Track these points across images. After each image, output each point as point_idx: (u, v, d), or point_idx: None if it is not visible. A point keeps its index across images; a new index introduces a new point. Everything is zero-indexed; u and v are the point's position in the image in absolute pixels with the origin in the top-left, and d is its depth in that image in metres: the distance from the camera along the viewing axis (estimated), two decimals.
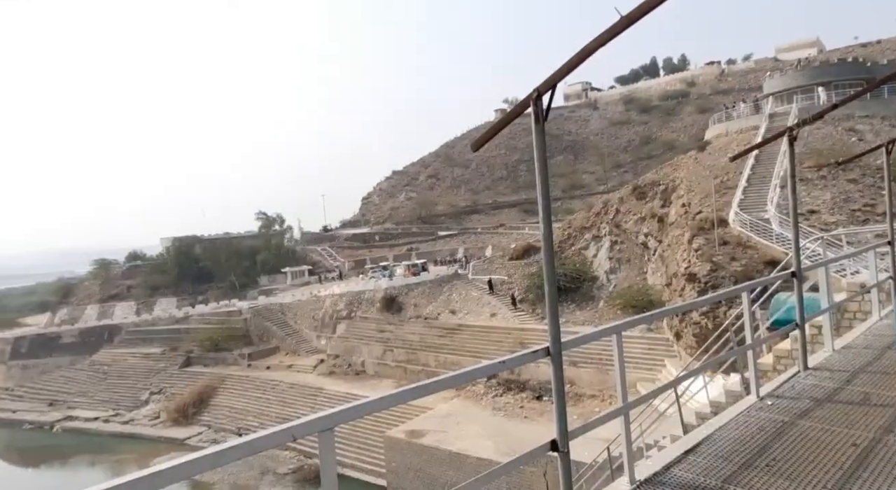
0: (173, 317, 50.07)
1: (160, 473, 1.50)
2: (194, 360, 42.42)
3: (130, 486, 1.44)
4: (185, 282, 59.33)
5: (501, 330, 31.18)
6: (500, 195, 78.93)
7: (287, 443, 1.92)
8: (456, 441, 20.91)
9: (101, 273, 64.08)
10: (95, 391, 41.52)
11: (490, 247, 55.70)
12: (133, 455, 31.98)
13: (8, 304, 69.84)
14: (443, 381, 2.49)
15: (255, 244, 63.81)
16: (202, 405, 35.75)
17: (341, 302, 40.99)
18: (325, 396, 32.28)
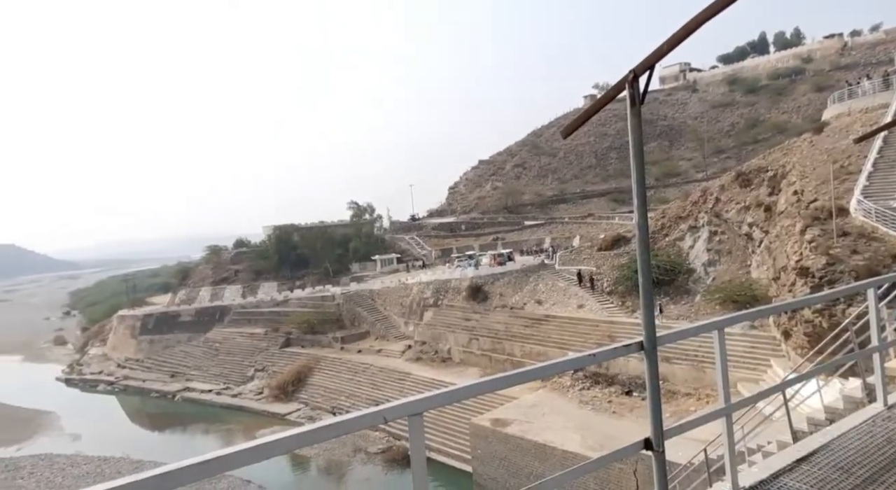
0: (274, 300, 53.63)
1: (268, 445, 1.61)
2: (293, 341, 45.27)
3: (245, 453, 1.56)
4: (284, 267, 63.30)
5: (589, 322, 30.37)
6: (588, 184, 76.47)
7: (378, 424, 2.03)
8: (541, 432, 20.74)
9: (212, 258, 70.01)
10: (209, 366, 45.59)
11: (578, 237, 54.26)
12: (240, 426, 34.86)
13: (138, 285, 78.68)
14: (531, 372, 2.46)
15: (348, 232, 66.65)
16: (300, 384, 38.13)
17: (428, 290, 41.83)
18: (413, 381, 33.24)
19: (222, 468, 1.51)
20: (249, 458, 1.57)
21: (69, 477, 27.37)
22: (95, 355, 57.02)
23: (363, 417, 1.90)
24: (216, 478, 22.62)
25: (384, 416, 1.90)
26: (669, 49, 2.25)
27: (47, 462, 29.77)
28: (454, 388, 2.21)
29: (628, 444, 2.64)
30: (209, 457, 1.45)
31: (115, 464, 28.77)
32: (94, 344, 61.55)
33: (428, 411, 2.09)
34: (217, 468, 1.50)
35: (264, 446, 1.61)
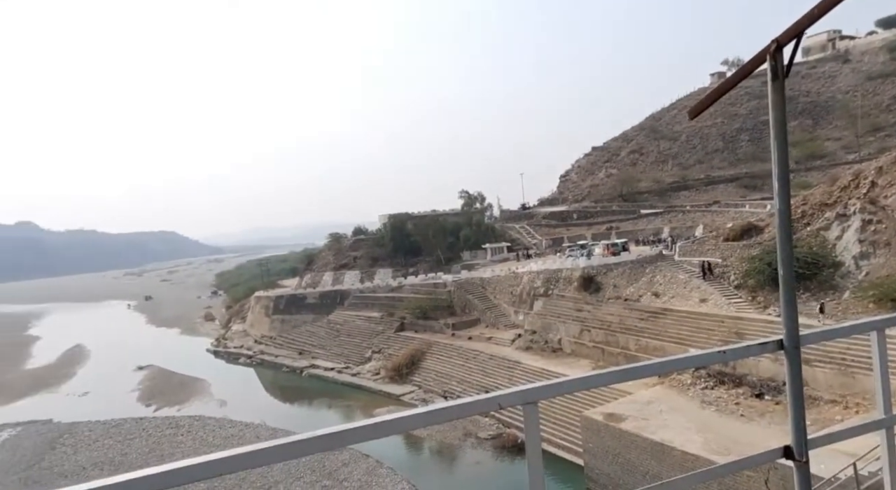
0: (389, 286, 56.20)
1: (390, 422, 1.67)
2: (407, 326, 47.20)
3: (368, 429, 1.63)
4: (398, 254, 65.99)
5: (713, 317, 28.22)
6: (714, 169, 70.53)
7: (493, 410, 2.05)
8: (658, 430, 19.75)
9: (334, 245, 74.89)
10: (331, 346, 49.05)
11: (701, 226, 50.41)
12: (359, 403, 37.18)
13: (271, 269, 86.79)
14: (654, 366, 2.34)
15: (459, 221, 67.76)
16: (413, 367, 39.73)
17: (538, 279, 41.36)
18: (522, 370, 33.20)
19: (347, 441, 1.61)
20: (372, 434, 1.64)
21: (218, 437, 31.08)
22: (237, 331, 63.83)
23: (478, 403, 1.89)
24: (339, 450, 24.40)
25: (499, 403, 1.88)
26: (822, 13, 2.00)
27: (200, 423, 34.02)
28: (571, 378, 2.17)
29: (765, 450, 2.43)
30: (335, 430, 1.56)
31: (255, 429, 32.12)
32: (235, 321, 68.93)
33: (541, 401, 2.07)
34: (342, 441, 1.60)
35: (386, 424, 1.67)
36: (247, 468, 1.47)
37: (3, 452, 31.76)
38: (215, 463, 1.40)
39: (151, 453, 29.70)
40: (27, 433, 34.82)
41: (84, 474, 27.76)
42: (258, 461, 1.45)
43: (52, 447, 31.69)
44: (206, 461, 1.39)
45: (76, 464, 29.22)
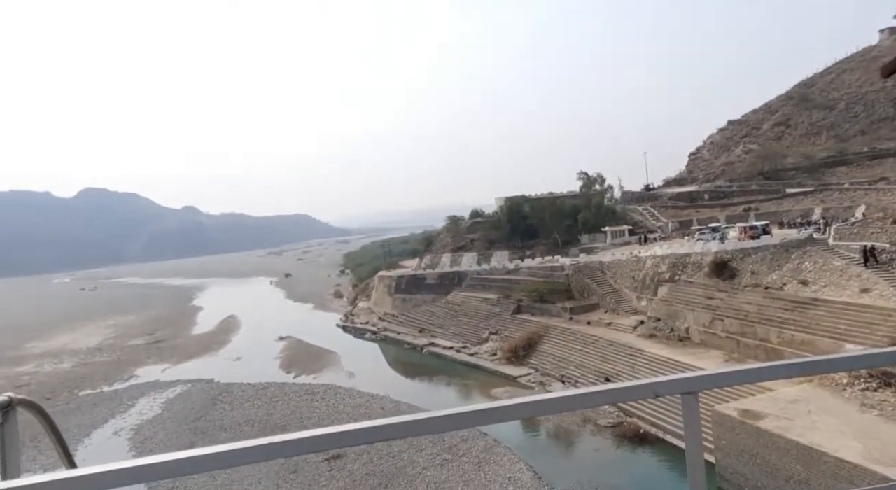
0: (506, 268, 56.47)
1: (540, 403, 1.62)
2: (523, 309, 47.27)
3: (526, 406, 1.60)
4: (515, 237, 65.93)
5: (877, 310, 24.88)
6: (881, 140, 61.17)
7: (647, 398, 1.89)
8: (806, 433, 18.00)
9: (452, 228, 76.72)
10: (449, 325, 50.67)
11: (862, 206, 44.29)
12: (476, 382, 38.17)
13: (392, 250, 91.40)
14: (819, 364, 2.12)
15: (577, 203, 65.94)
16: (530, 349, 39.81)
17: (663, 264, 39.15)
18: (645, 358, 31.87)
19: (471, 423, 1.58)
20: (525, 412, 1.59)
21: (348, 406, 33.76)
22: (363, 308, 68.25)
23: (633, 389, 1.81)
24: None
25: (655, 391, 1.75)
26: None
27: (332, 391, 37.16)
28: (735, 369, 2.09)
29: None
30: (461, 410, 1.52)
31: (380, 401, 34.38)
32: (361, 299, 73.70)
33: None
34: (464, 422, 1.57)
35: (538, 403, 1.61)
36: (373, 441, 1.50)
37: (178, 403, 37.29)
38: (343, 435, 1.42)
39: (292, 415, 33.03)
40: (195, 389, 40.47)
41: (238, 429, 31.69)
42: (386, 435, 1.47)
43: (214, 403, 36.53)
44: (337, 432, 1.42)
45: (232, 419, 33.42)
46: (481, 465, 24.37)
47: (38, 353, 60.57)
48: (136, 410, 36.78)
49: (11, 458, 1.97)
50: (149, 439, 31.15)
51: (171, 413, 35.54)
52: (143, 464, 1.38)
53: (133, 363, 51.95)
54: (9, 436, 1.98)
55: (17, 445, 1.98)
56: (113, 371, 49.12)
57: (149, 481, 1.38)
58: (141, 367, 50.35)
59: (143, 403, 38.21)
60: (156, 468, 1.38)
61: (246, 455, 1.42)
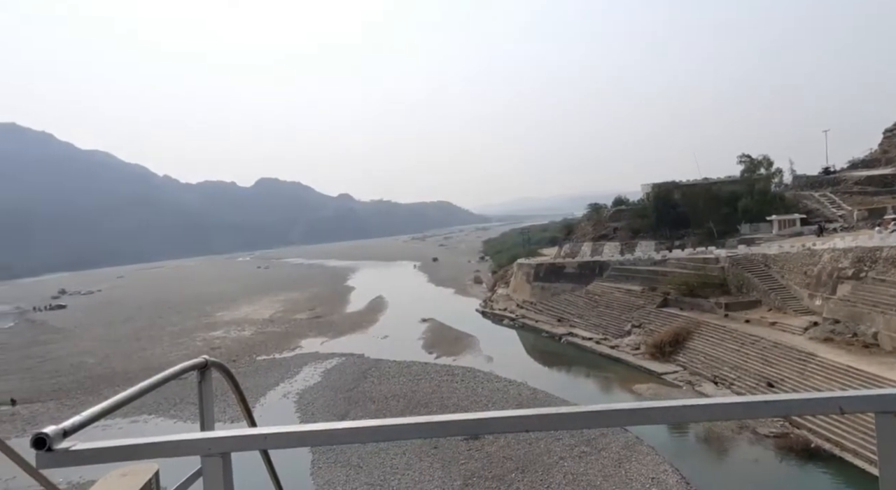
0: (651, 259, 53.20)
1: (697, 407, 1.51)
2: (670, 302, 44.25)
3: (656, 411, 1.53)
4: (662, 226, 61.68)
5: None
6: None
7: (829, 414, 1.68)
8: None
9: (593, 216, 74.10)
10: (589, 316, 49.29)
11: None
12: (616, 376, 36.77)
13: (531, 238, 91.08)
14: None
15: (736, 189, 59.62)
16: (677, 345, 37.25)
17: (845, 258, 33.93)
18: (818, 364, 28.10)
19: (619, 422, 1.54)
20: (647, 419, 1.52)
21: (486, 390, 34.65)
22: (501, 295, 69.13)
23: (812, 402, 1.57)
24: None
25: (840, 407, 1.51)
26: None
27: (471, 374, 38.38)
28: None
29: None
30: (609, 408, 1.48)
31: (517, 387, 34.74)
32: (500, 285, 74.65)
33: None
34: (612, 421, 1.53)
35: (667, 410, 1.51)
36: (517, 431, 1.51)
37: (335, 374, 41.35)
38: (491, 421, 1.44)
39: (433, 394, 34.79)
40: (348, 363, 44.48)
41: (385, 402, 34.22)
42: (534, 425, 1.48)
43: (364, 376, 39.83)
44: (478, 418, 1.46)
45: (380, 392, 36.16)
46: (622, 462, 23.58)
47: (226, 321, 70.99)
48: (300, 377, 41.48)
49: (207, 411, 2.45)
50: (311, 404, 35.00)
51: (329, 382, 39.49)
52: (310, 429, 1.63)
53: (297, 335, 58.50)
54: (205, 393, 2.45)
55: (211, 401, 2.46)
56: (282, 341, 55.82)
57: (315, 445, 1.67)
58: (304, 339, 56.53)
59: (306, 371, 42.93)
60: (321, 434, 1.63)
61: (400, 431, 1.58)
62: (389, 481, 23.08)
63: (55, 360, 54.95)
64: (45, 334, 73.19)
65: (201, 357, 2.54)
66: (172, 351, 54.15)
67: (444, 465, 24.14)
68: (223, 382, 2.66)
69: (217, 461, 1.70)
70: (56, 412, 36.30)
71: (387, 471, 23.97)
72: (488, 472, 23.28)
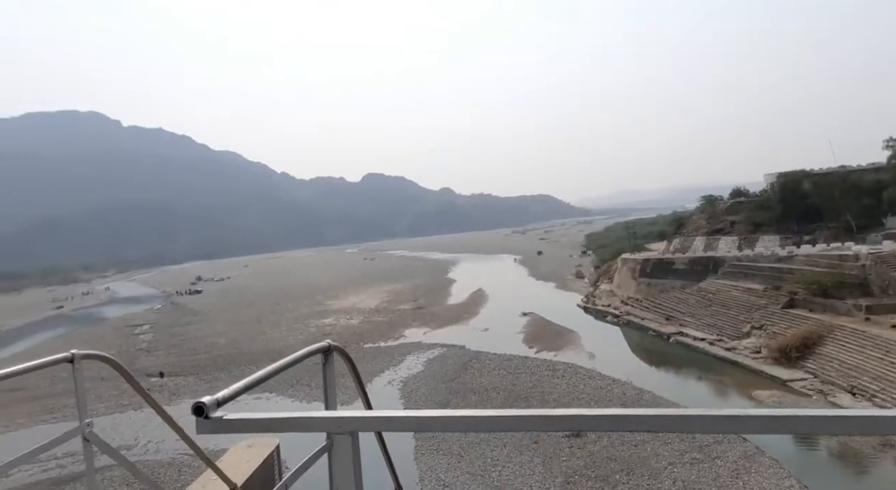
0: (775, 255, 48.64)
1: (799, 418, 1.29)
2: (798, 303, 40.24)
3: (759, 421, 1.36)
4: (789, 220, 56.14)
5: None
6: None
7: None
8: None
9: (707, 208, 69.19)
10: (701, 315, 46.20)
11: None
12: (732, 380, 34.19)
13: (638, 232, 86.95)
14: None
15: (882, 178, 52.61)
16: (806, 350, 33.85)
17: None
18: None
19: (743, 429, 1.44)
20: (761, 428, 1.37)
21: (588, 387, 33.82)
22: (604, 290, 66.85)
23: None
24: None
25: None
26: None
27: (573, 370, 37.62)
28: None
29: None
30: (732, 412, 1.36)
31: (622, 386, 33.53)
32: (603, 280, 72.20)
33: None
34: (738, 427, 1.41)
35: (789, 419, 1.33)
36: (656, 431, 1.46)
37: (436, 364, 42.51)
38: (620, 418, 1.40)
39: (534, 388, 34.58)
40: (449, 353, 45.48)
41: (486, 394, 34.59)
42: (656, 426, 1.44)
43: (465, 368, 40.51)
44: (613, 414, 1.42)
45: (480, 384, 36.61)
46: (739, 473, 21.98)
47: (336, 309, 75.51)
48: (404, 365, 43.14)
49: (331, 392, 2.73)
50: (414, 392, 36.32)
51: (431, 372, 40.67)
52: (431, 415, 1.70)
53: (401, 325, 60.78)
54: (328, 375, 2.73)
55: (334, 383, 2.73)
56: (387, 330, 58.32)
57: (435, 431, 1.81)
58: (407, 328, 58.61)
59: (409, 360, 44.54)
60: (442, 421, 1.71)
61: (505, 423, 1.60)
62: (490, 472, 23.39)
63: (193, 339, 61.78)
64: (185, 316, 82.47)
65: (325, 341, 2.83)
66: (289, 336, 58.66)
67: (544, 461, 24.00)
68: (341, 365, 2.91)
69: (346, 439, 1.92)
70: (195, 385, 40.92)
71: (487, 462, 24.30)
72: (591, 472, 22.79)
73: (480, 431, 1.72)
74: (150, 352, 56.65)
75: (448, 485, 22.63)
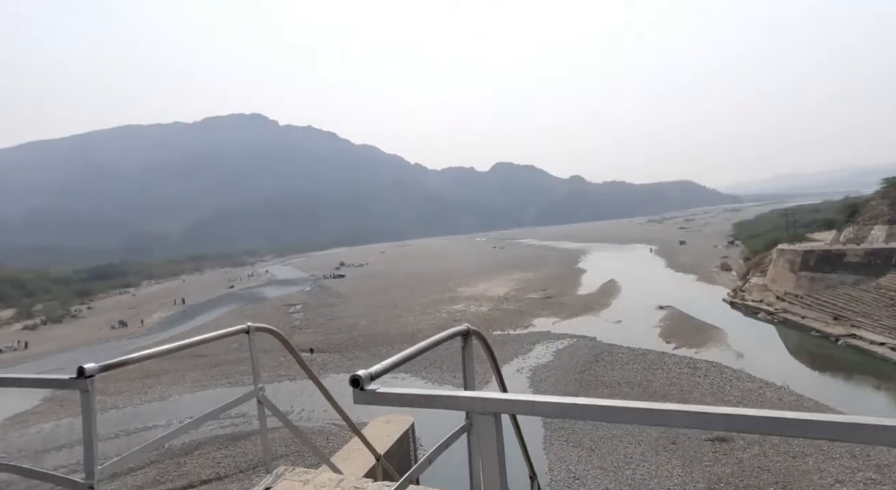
0: None
1: None
2: None
3: None
4: None
5: None
6: None
7: None
8: None
9: (890, 193, 59.02)
10: (880, 315, 39.84)
11: None
12: None
13: (798, 220, 77.07)
14: None
15: None
16: None
17: None
18: None
19: None
20: None
21: (736, 389, 30.92)
22: (755, 284, 60.38)
23: None
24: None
25: None
26: None
27: (717, 370, 34.63)
28: None
29: None
30: None
31: (776, 391, 30.14)
32: (754, 273, 65.23)
33: None
34: None
35: None
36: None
37: (566, 355, 41.73)
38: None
39: (671, 387, 32.46)
40: (580, 344, 44.35)
41: (618, 388, 33.23)
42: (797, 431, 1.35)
43: (596, 360, 39.24)
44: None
45: (612, 378, 35.23)
46: None
47: (466, 296, 77.31)
48: (532, 355, 42.95)
49: (469, 374, 2.87)
50: (542, 381, 36.06)
51: (560, 362, 40.02)
52: (577, 403, 1.72)
53: (530, 314, 60.46)
54: (468, 357, 2.88)
55: (473, 365, 2.86)
56: (515, 318, 58.42)
57: (579, 419, 1.79)
58: (536, 317, 58.15)
59: (538, 350, 44.22)
60: (586, 409, 1.71)
61: (651, 416, 1.55)
62: (623, 469, 22.52)
63: (337, 320, 67.28)
64: (330, 298, 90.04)
65: (464, 325, 2.97)
66: (422, 320, 61.33)
67: (683, 464, 22.51)
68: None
69: (489, 420, 2.00)
70: (338, 362, 44.61)
71: (620, 458, 23.43)
72: (738, 481, 20.91)
73: (626, 423, 1.70)
74: (301, 329, 62.81)
75: (579, 477, 22.21)
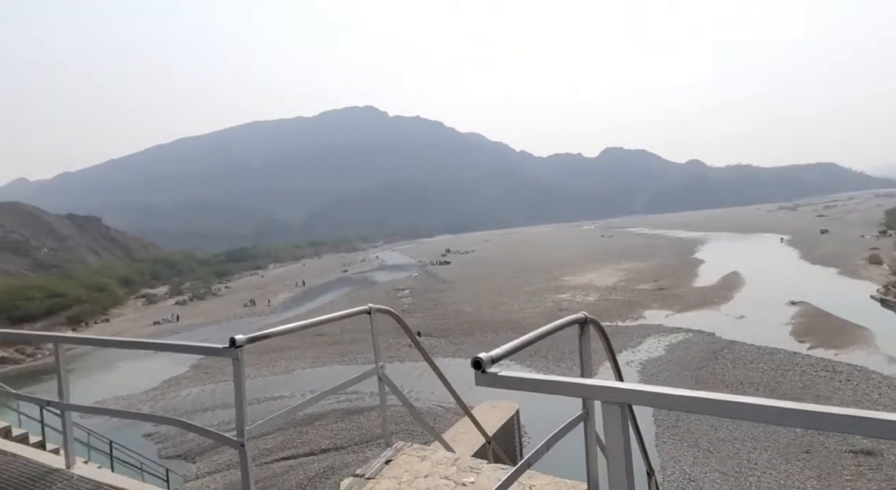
0: None
1: None
2: None
3: None
4: None
5: None
6: None
7: None
8: None
9: None
10: None
11: None
12: None
13: None
14: None
15: None
16: None
17: None
18: None
19: None
20: None
21: (885, 398, 27.28)
22: None
23: None
24: None
25: None
26: None
27: (863, 374, 30.76)
28: None
29: None
30: None
31: None
32: None
33: None
34: None
35: None
36: None
37: (680, 349, 39.33)
38: None
39: (805, 390, 29.41)
40: (696, 339, 41.56)
41: (741, 388, 30.76)
42: None
43: (715, 357, 36.56)
44: None
45: (734, 377, 32.65)
46: None
47: (572, 286, 75.50)
48: (643, 347, 41.00)
49: (587, 362, 2.83)
50: (654, 376, 34.34)
51: (673, 357, 37.83)
52: (709, 398, 1.65)
53: (640, 305, 57.65)
54: (584, 345, 2.85)
55: (590, 353, 2.82)
56: (625, 309, 56.01)
57: (711, 414, 1.68)
58: (647, 309, 55.33)
59: (649, 343, 42.12)
60: (718, 405, 1.62)
61: (790, 416, 1.49)
62: (746, 476, 20.86)
63: (443, 305, 68.91)
64: (437, 284, 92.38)
65: (581, 313, 2.91)
66: (527, 308, 60.92)
67: (819, 476, 20.35)
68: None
69: (615, 409, 1.92)
70: (445, 346, 45.74)
71: (742, 464, 21.72)
72: None
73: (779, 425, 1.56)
74: (409, 313, 65.20)
75: (695, 479, 20.95)
